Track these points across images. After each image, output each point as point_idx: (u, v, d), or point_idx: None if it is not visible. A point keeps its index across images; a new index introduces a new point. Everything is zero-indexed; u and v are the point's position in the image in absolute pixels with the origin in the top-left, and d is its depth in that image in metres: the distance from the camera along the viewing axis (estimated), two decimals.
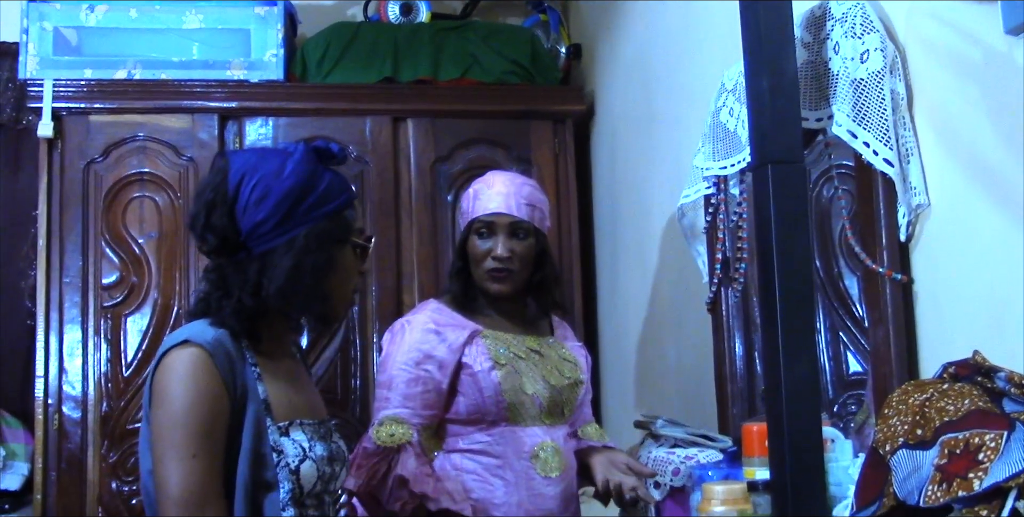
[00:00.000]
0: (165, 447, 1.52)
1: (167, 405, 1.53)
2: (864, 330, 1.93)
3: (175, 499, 1.49)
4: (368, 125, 3.60)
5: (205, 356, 1.54)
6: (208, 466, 1.51)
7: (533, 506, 2.20)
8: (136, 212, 3.46)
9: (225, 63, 3.57)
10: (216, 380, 1.54)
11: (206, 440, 1.52)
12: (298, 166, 1.63)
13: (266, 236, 1.61)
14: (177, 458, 1.50)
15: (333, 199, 1.65)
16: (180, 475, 1.49)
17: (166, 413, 1.53)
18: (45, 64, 3.47)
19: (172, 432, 1.52)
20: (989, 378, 1.33)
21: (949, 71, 1.66)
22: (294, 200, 1.61)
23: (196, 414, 1.52)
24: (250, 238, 1.61)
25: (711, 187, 2.45)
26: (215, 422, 1.53)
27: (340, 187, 1.67)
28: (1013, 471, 1.13)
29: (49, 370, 3.34)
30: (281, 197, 1.60)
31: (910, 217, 1.72)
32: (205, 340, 1.56)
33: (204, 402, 1.53)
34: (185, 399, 1.52)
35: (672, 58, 2.96)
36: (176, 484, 1.49)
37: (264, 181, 1.61)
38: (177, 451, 1.50)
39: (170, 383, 1.54)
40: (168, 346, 1.57)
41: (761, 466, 1.66)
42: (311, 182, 1.63)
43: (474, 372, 2.20)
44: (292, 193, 1.61)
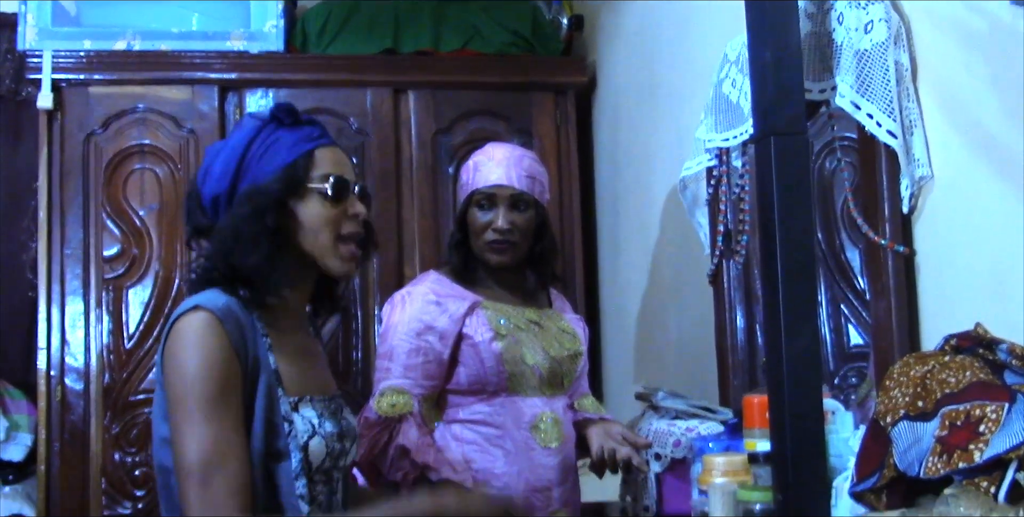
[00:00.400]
0: (181, 414, 1.51)
1: (180, 371, 1.52)
2: (865, 302, 1.93)
3: (191, 465, 1.48)
4: (369, 97, 3.58)
5: (214, 320, 1.53)
6: (223, 430, 1.50)
7: (533, 476, 2.21)
8: (137, 184, 3.45)
9: (225, 34, 3.55)
10: (226, 344, 1.53)
11: (220, 403, 1.50)
12: (239, 133, 1.66)
13: (224, 207, 1.64)
14: (192, 424, 1.49)
15: (282, 153, 1.63)
16: (195, 441, 1.48)
17: (179, 379, 1.52)
18: (44, 35, 3.45)
19: (186, 398, 1.50)
20: (990, 350, 1.33)
21: (954, 42, 1.65)
22: (235, 167, 1.63)
23: (208, 378, 1.50)
24: (214, 214, 1.65)
25: (713, 159, 2.44)
26: (228, 385, 1.52)
27: (296, 140, 1.65)
28: (1014, 443, 1.13)
29: (51, 342, 3.35)
30: (224, 167, 1.64)
31: (913, 189, 1.72)
32: (215, 306, 1.55)
33: (216, 366, 1.51)
34: (197, 364, 1.51)
35: (675, 29, 2.94)
36: (192, 450, 1.48)
37: (213, 157, 1.67)
38: (192, 416, 1.49)
39: (181, 349, 1.53)
40: (179, 312, 1.56)
41: (762, 438, 1.66)
42: (252, 145, 1.64)
43: (475, 342, 2.21)
44: (231, 160, 1.63)
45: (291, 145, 1.64)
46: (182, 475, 1.49)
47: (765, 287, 1.43)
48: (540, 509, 2.21)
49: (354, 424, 1.76)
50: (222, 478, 1.47)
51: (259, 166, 1.63)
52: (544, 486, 2.22)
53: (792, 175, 1.37)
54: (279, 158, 1.63)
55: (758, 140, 1.42)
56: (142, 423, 3.34)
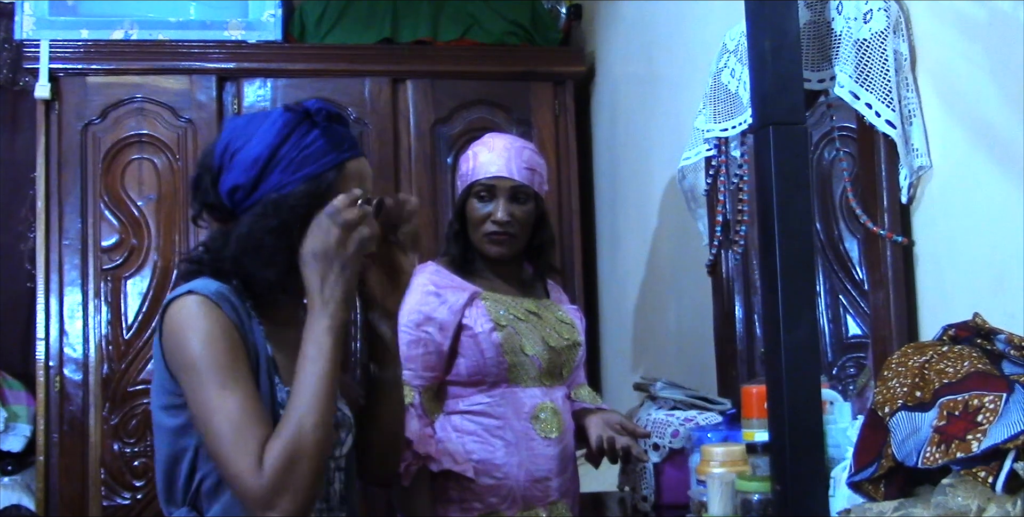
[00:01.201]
0: (196, 390, 1.49)
1: (183, 350, 1.50)
2: (864, 293, 1.93)
3: (217, 435, 1.46)
4: (367, 86, 3.58)
5: (209, 301, 1.52)
6: (241, 396, 1.48)
7: (533, 466, 2.21)
8: (135, 174, 3.45)
9: (223, 23, 3.54)
10: (225, 319, 1.52)
11: (231, 371, 1.49)
12: (272, 128, 1.60)
13: (242, 201, 1.60)
14: (209, 397, 1.47)
15: (313, 161, 1.59)
16: (219, 409, 1.46)
17: (185, 357, 1.50)
18: (41, 24, 3.45)
19: (199, 371, 1.49)
20: (989, 340, 1.33)
21: (953, 31, 1.64)
22: (264, 163, 1.58)
23: (214, 350, 1.49)
24: (232, 204, 1.62)
25: (712, 149, 2.44)
26: (237, 353, 1.51)
27: (328, 148, 1.60)
28: (1012, 433, 1.13)
29: (50, 332, 3.35)
30: (251, 161, 1.59)
31: (912, 179, 1.71)
32: (208, 291, 1.54)
33: (219, 337, 1.50)
34: (201, 337, 1.49)
35: (673, 18, 2.93)
36: (216, 421, 1.46)
37: (239, 146, 1.61)
38: (206, 389, 1.47)
39: (181, 328, 1.51)
40: (171, 297, 1.55)
41: (760, 428, 1.66)
42: (284, 144, 1.59)
43: (475, 333, 2.21)
44: (263, 157, 1.58)
45: (323, 153, 1.60)
46: (214, 443, 1.46)
47: (764, 277, 1.42)
48: (539, 499, 2.21)
49: (349, 414, 1.75)
50: (255, 439, 1.45)
51: (287, 171, 1.58)
52: (544, 476, 2.22)
53: (791, 165, 1.36)
54: (309, 166, 1.59)
55: (757, 130, 1.42)
56: (141, 413, 3.35)
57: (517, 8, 3.74)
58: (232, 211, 1.62)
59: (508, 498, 2.19)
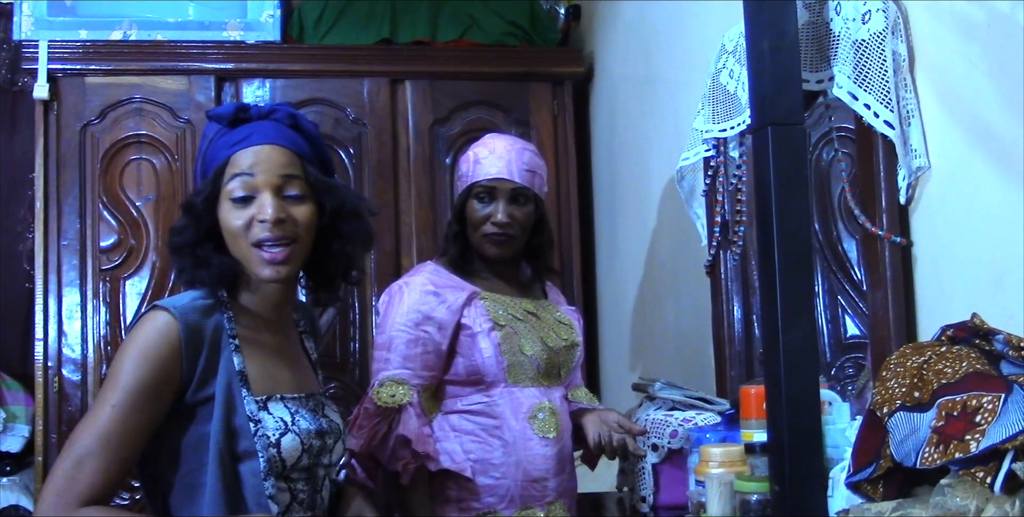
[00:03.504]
0: (99, 395, 1.52)
1: (116, 361, 1.54)
2: (862, 293, 1.93)
3: (78, 441, 1.48)
4: (366, 87, 3.58)
5: (169, 321, 1.53)
6: (124, 422, 1.48)
7: (530, 466, 2.21)
8: (133, 174, 3.45)
9: (221, 24, 3.54)
10: (171, 345, 1.53)
11: (136, 398, 1.49)
12: (202, 138, 1.71)
13: None
14: (101, 405, 1.50)
15: (208, 162, 1.66)
16: (93, 421, 1.49)
17: (112, 367, 1.54)
18: (40, 25, 3.45)
19: (108, 382, 1.52)
20: (987, 341, 1.33)
21: (951, 32, 1.64)
22: (200, 166, 1.70)
23: (137, 371, 1.50)
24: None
25: (711, 149, 2.44)
26: (154, 385, 1.51)
27: (216, 146, 1.66)
28: (1010, 433, 1.13)
29: (48, 333, 3.34)
30: (198, 167, 1.71)
31: (910, 180, 1.71)
32: (174, 305, 1.56)
33: (148, 362, 1.51)
34: (132, 356, 1.51)
35: (672, 19, 2.93)
36: (86, 428, 1.49)
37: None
38: (104, 399, 1.50)
39: (126, 342, 1.54)
40: (147, 309, 1.59)
41: (759, 428, 1.66)
42: (202, 152, 1.69)
43: (473, 333, 2.21)
44: (197, 166, 1.71)
45: (216, 152, 1.66)
46: (66, 445, 1.49)
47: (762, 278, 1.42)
48: (537, 499, 2.21)
49: (338, 422, 1.74)
50: (94, 465, 1.47)
51: (200, 175, 1.68)
52: (541, 476, 2.22)
53: (789, 165, 1.36)
54: (207, 167, 1.66)
55: (755, 130, 1.42)
56: None
57: (516, 9, 3.74)
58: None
59: (505, 498, 2.19)
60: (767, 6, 1.42)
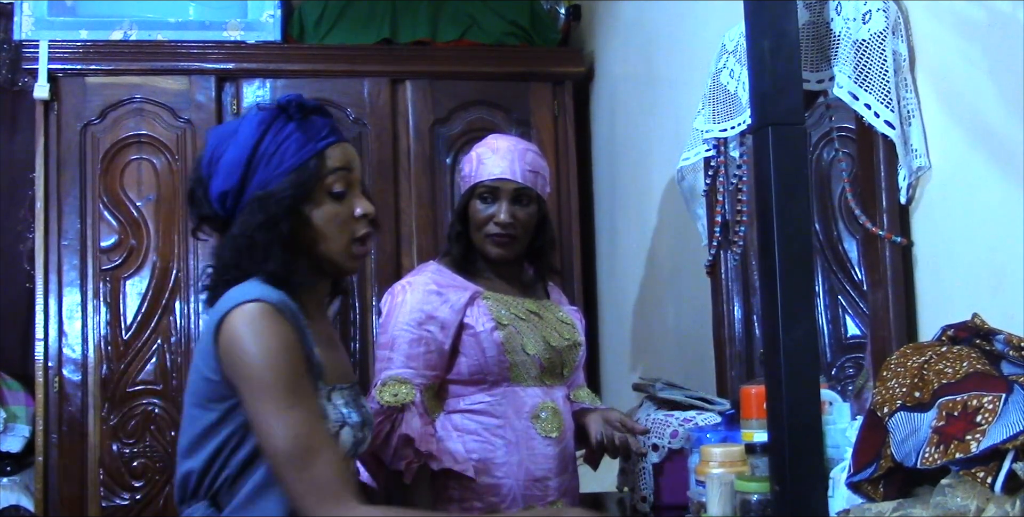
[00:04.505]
0: (259, 404, 1.49)
1: (251, 360, 1.50)
2: (863, 293, 1.93)
3: (287, 452, 1.46)
4: (366, 87, 3.58)
5: (275, 310, 1.52)
6: (309, 414, 1.49)
7: (533, 466, 2.21)
8: (134, 174, 3.45)
9: (222, 24, 3.54)
10: (289, 331, 1.52)
11: (297, 389, 1.50)
12: (249, 129, 1.62)
13: (233, 206, 1.62)
14: (278, 410, 1.47)
15: (292, 154, 1.61)
16: (285, 427, 1.47)
17: (253, 368, 1.50)
18: (40, 25, 3.45)
19: (265, 386, 1.49)
20: (988, 341, 1.33)
21: (952, 32, 1.64)
22: (245, 165, 1.60)
23: (285, 364, 1.50)
24: (224, 211, 1.63)
25: (711, 149, 2.44)
26: (300, 369, 1.52)
27: (305, 139, 1.62)
28: (1011, 433, 1.13)
29: (49, 333, 3.34)
30: (233, 163, 1.61)
31: (911, 180, 1.71)
32: (271, 298, 1.54)
33: (287, 352, 1.51)
34: (270, 352, 1.50)
35: (672, 19, 2.93)
36: (282, 438, 1.47)
37: (221, 153, 1.63)
38: (276, 403, 1.48)
39: (248, 338, 1.51)
40: (233, 304, 1.54)
41: (759, 428, 1.66)
42: (262, 143, 1.61)
43: (476, 332, 2.21)
44: (241, 157, 1.60)
45: (301, 144, 1.61)
46: (279, 463, 1.48)
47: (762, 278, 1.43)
48: (539, 499, 2.22)
49: (370, 412, 1.76)
50: (322, 461, 1.46)
51: (269, 167, 1.60)
52: (543, 476, 2.22)
53: (790, 165, 1.36)
54: (289, 160, 1.60)
55: (756, 130, 1.42)
56: (140, 414, 3.35)
57: (516, 9, 3.74)
58: (227, 218, 1.64)
59: (508, 497, 2.19)
60: (767, 6, 1.42)
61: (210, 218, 1.67)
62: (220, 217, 1.65)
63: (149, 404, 3.37)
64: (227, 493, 1.56)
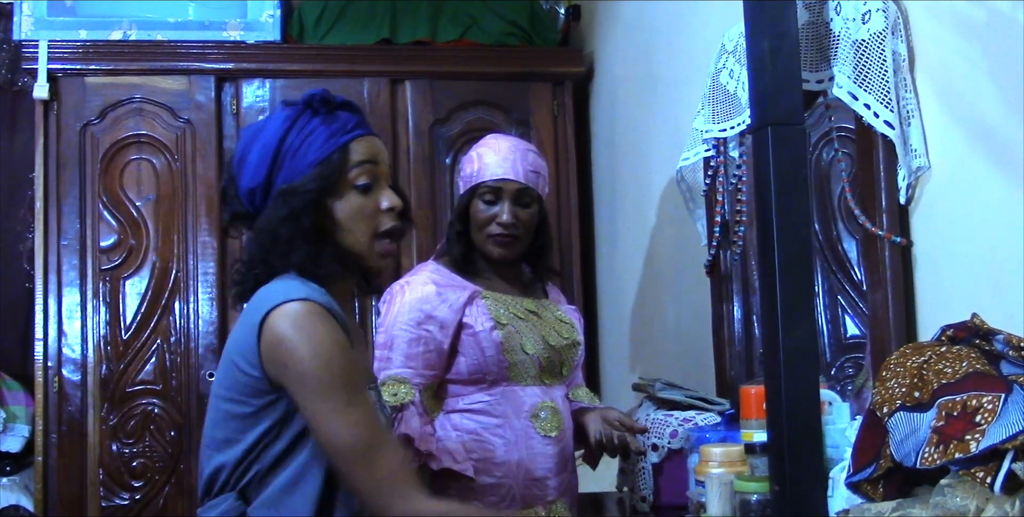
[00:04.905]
0: (318, 404, 1.49)
1: (304, 359, 1.49)
2: (862, 293, 1.93)
3: (352, 448, 1.48)
4: (366, 87, 3.58)
5: (323, 309, 1.53)
6: (367, 410, 1.51)
7: (533, 465, 2.21)
8: (133, 174, 3.45)
9: (221, 24, 3.54)
10: (337, 330, 1.53)
11: (353, 387, 1.51)
12: (274, 125, 1.63)
13: (261, 202, 1.63)
14: (336, 412, 1.48)
15: (316, 147, 1.61)
16: (347, 424, 1.48)
17: (304, 370, 1.50)
18: (40, 25, 3.45)
19: (319, 388, 1.49)
20: (987, 341, 1.33)
21: (952, 32, 1.64)
22: (271, 160, 1.61)
23: (335, 365, 1.50)
24: (253, 207, 1.64)
25: (711, 150, 2.44)
26: (351, 365, 1.52)
27: (329, 132, 1.62)
28: (1010, 433, 1.13)
29: (48, 333, 3.35)
30: (259, 159, 1.61)
31: (910, 180, 1.71)
32: (318, 299, 1.54)
33: (340, 351, 1.51)
34: (324, 350, 1.50)
35: (672, 19, 2.93)
36: (348, 434, 1.48)
37: (248, 144, 1.64)
38: (332, 404, 1.48)
39: (291, 339, 1.50)
40: (277, 302, 1.53)
41: (759, 428, 1.66)
42: (287, 138, 1.61)
43: (475, 332, 2.21)
44: (266, 152, 1.61)
45: (325, 138, 1.62)
46: (345, 459, 1.49)
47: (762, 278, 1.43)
48: (538, 498, 2.21)
49: (389, 410, 1.76)
50: (387, 455, 1.48)
51: (294, 161, 1.60)
52: (543, 475, 2.22)
53: (789, 166, 1.36)
54: (313, 153, 1.60)
55: (755, 130, 1.42)
56: (140, 414, 3.35)
57: (516, 9, 3.74)
58: (257, 215, 1.64)
59: (507, 497, 2.19)
60: (767, 6, 1.42)
61: (241, 215, 1.67)
62: (250, 214, 1.65)
63: (149, 404, 3.37)
64: (256, 488, 1.55)
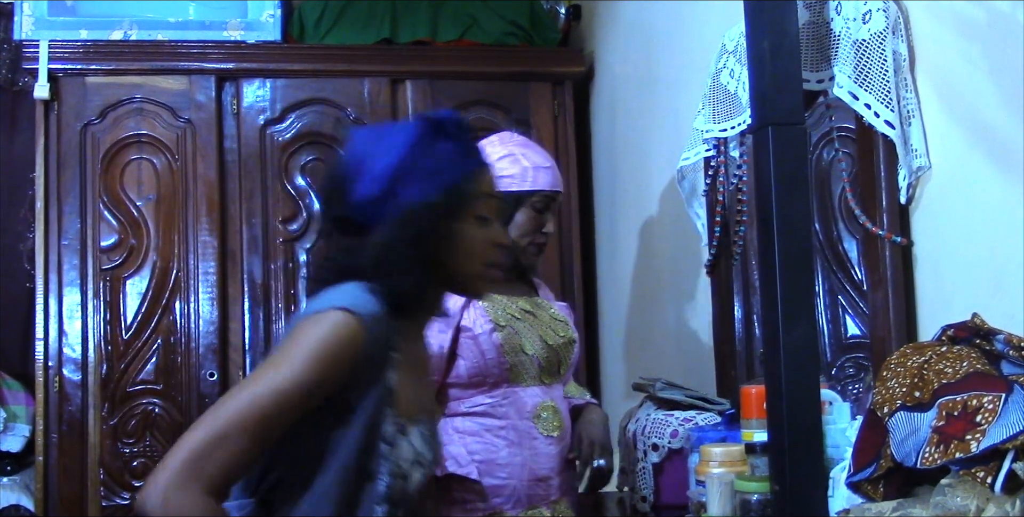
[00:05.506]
0: (256, 374, 1.42)
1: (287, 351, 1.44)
2: (863, 293, 1.93)
3: (215, 414, 1.38)
4: (366, 86, 3.58)
5: (358, 330, 1.45)
6: (280, 408, 1.40)
7: (536, 465, 2.21)
8: (134, 174, 3.45)
9: (222, 24, 3.54)
10: (351, 355, 1.45)
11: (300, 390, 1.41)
12: (403, 138, 1.56)
13: (374, 213, 1.55)
14: (253, 387, 1.40)
15: (448, 171, 1.56)
16: (243, 400, 1.39)
17: (279, 356, 1.44)
18: (40, 25, 3.45)
19: (267, 370, 1.42)
20: (988, 340, 1.33)
21: (952, 32, 1.64)
22: (397, 174, 1.54)
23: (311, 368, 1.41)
24: (363, 216, 1.56)
25: (711, 149, 2.44)
26: (320, 383, 1.43)
27: (459, 158, 1.57)
28: (1011, 433, 1.13)
29: (49, 333, 3.34)
30: (383, 169, 1.54)
31: (911, 179, 1.71)
32: (365, 313, 1.47)
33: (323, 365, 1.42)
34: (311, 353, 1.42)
35: (672, 19, 2.93)
36: (230, 405, 1.39)
37: (369, 157, 1.56)
38: (261, 382, 1.41)
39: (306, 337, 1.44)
40: (325, 307, 1.48)
41: (759, 428, 1.67)
42: (418, 156, 1.55)
43: (475, 334, 2.21)
44: (394, 167, 1.54)
45: (458, 163, 1.57)
46: (210, 417, 1.39)
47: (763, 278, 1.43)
48: (542, 498, 2.21)
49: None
50: (237, 446, 1.37)
51: (424, 180, 1.54)
52: (546, 475, 2.22)
53: (790, 165, 1.37)
54: (446, 176, 1.56)
55: (756, 130, 1.42)
56: (140, 414, 3.35)
57: (516, 8, 3.73)
58: (362, 223, 1.57)
59: (512, 498, 2.19)
60: (767, 6, 1.42)
61: (342, 220, 1.59)
62: (355, 221, 1.58)
63: (149, 404, 3.37)
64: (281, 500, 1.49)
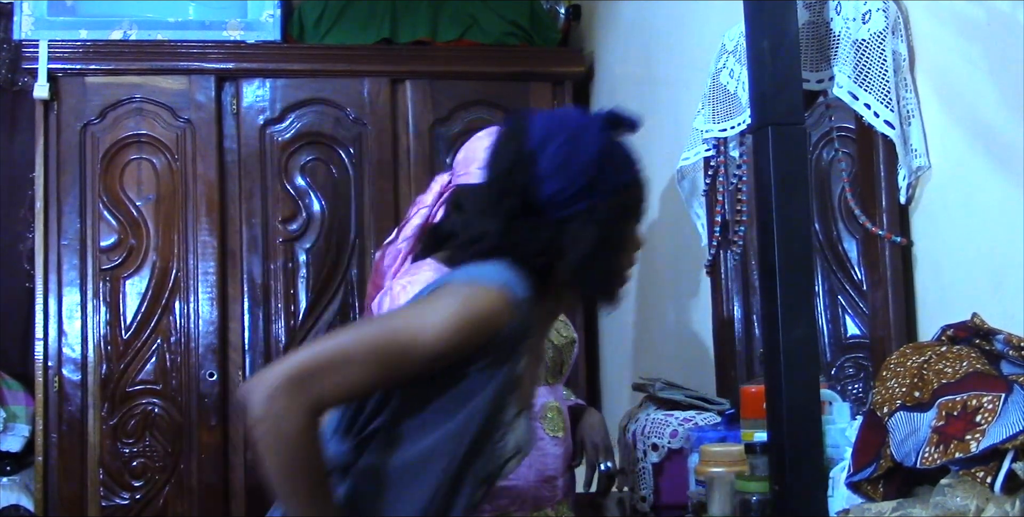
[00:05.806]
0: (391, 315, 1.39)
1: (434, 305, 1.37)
2: (863, 293, 1.93)
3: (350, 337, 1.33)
4: (366, 87, 3.57)
5: (506, 309, 1.39)
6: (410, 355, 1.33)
7: (542, 466, 2.20)
8: (134, 174, 3.45)
9: (222, 24, 3.54)
10: (490, 330, 1.38)
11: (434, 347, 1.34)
12: (601, 133, 1.53)
13: (564, 204, 1.50)
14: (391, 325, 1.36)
15: (628, 170, 1.53)
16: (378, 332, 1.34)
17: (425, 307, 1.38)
18: (40, 25, 3.44)
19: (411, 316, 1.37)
20: (987, 340, 1.33)
21: (952, 32, 1.64)
22: (597, 169, 1.50)
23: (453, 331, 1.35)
24: (548, 204, 1.50)
25: (711, 149, 2.44)
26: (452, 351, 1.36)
27: (633, 158, 1.55)
28: (1010, 433, 1.13)
29: (48, 333, 3.34)
30: (585, 165, 1.50)
31: (910, 179, 1.71)
32: (517, 295, 1.41)
33: (462, 333, 1.35)
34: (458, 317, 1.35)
35: (672, 19, 2.93)
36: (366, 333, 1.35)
37: (567, 147, 1.51)
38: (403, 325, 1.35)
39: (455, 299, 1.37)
40: (474, 278, 1.42)
41: (759, 428, 1.67)
42: (610, 150, 1.52)
43: None
44: (595, 161, 1.50)
45: (633, 163, 1.55)
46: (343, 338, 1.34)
47: (762, 277, 1.43)
48: (548, 499, 2.21)
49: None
50: (355, 375, 1.30)
51: (615, 175, 1.51)
52: (552, 476, 2.22)
53: (789, 165, 1.37)
54: (627, 174, 1.53)
55: (756, 130, 1.42)
56: (140, 413, 3.35)
57: (516, 8, 3.73)
58: (537, 208, 1.51)
59: (519, 499, 2.18)
60: (767, 6, 1.42)
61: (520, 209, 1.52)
62: (532, 206, 1.51)
63: (149, 404, 3.37)
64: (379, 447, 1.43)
